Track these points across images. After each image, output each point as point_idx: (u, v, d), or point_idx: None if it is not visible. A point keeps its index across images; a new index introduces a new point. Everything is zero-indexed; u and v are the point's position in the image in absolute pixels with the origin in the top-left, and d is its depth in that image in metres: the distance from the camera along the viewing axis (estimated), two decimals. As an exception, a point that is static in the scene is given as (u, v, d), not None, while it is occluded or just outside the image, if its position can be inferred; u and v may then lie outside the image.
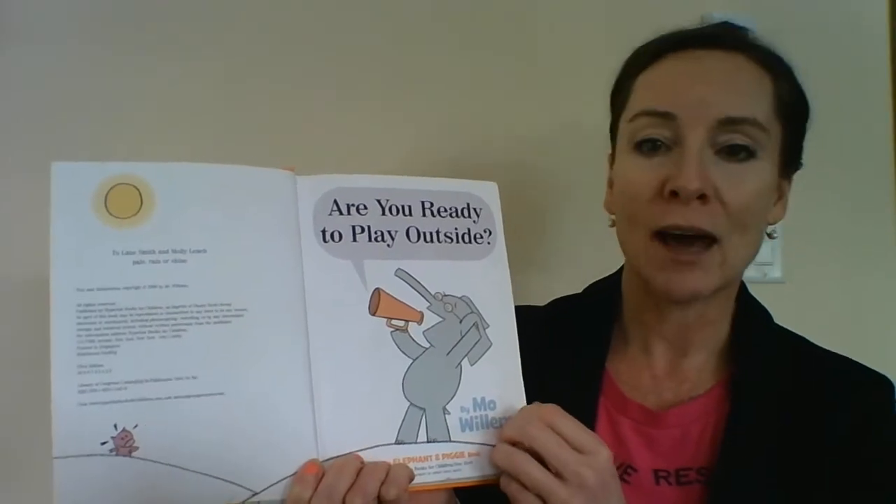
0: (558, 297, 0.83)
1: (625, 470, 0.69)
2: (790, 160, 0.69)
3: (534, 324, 0.66)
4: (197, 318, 0.55)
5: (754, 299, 0.75)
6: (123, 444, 0.52)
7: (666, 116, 0.64)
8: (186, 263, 0.55)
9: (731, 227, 0.63)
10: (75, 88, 0.85)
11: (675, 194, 0.62)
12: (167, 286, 0.55)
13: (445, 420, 0.60)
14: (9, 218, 0.82)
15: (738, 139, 0.63)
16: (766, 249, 1.07)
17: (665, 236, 0.64)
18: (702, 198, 0.62)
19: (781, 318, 0.75)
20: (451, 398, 0.60)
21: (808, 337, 0.74)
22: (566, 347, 0.73)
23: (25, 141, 0.83)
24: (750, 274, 1.08)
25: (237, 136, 0.90)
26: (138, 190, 0.56)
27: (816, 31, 1.10)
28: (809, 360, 0.70)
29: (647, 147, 0.66)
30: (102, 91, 0.85)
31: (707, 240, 0.63)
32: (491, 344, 0.62)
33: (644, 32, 0.72)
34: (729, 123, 0.63)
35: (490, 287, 0.64)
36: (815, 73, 0.71)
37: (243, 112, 0.90)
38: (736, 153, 0.63)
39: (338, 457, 0.56)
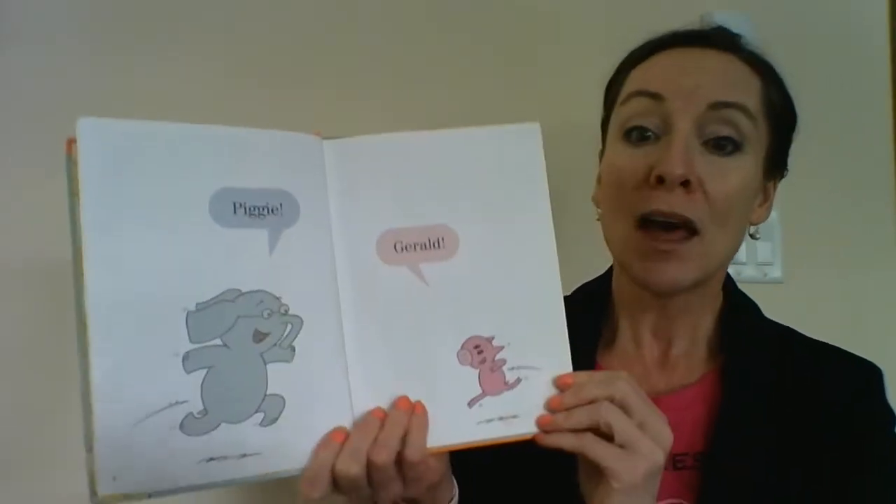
0: None
1: None
2: (775, 163, 0.70)
3: None
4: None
5: (742, 292, 0.76)
6: None
7: (656, 98, 0.65)
8: None
9: (712, 218, 0.64)
10: (75, 88, 0.85)
11: (660, 180, 0.63)
12: None
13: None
14: (9, 217, 0.82)
15: (725, 130, 0.64)
16: (767, 249, 1.07)
17: (648, 224, 0.64)
18: (686, 185, 0.63)
19: (781, 318, 0.75)
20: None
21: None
22: None
23: (25, 141, 0.83)
24: (750, 274, 1.10)
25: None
26: None
27: (816, 31, 1.10)
28: (800, 349, 0.71)
29: (636, 136, 0.66)
30: (102, 91, 0.86)
31: (687, 230, 0.64)
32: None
33: (644, 32, 0.72)
34: (719, 107, 0.64)
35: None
36: (815, 73, 0.71)
37: (243, 112, 0.90)
38: (722, 146, 0.64)
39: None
